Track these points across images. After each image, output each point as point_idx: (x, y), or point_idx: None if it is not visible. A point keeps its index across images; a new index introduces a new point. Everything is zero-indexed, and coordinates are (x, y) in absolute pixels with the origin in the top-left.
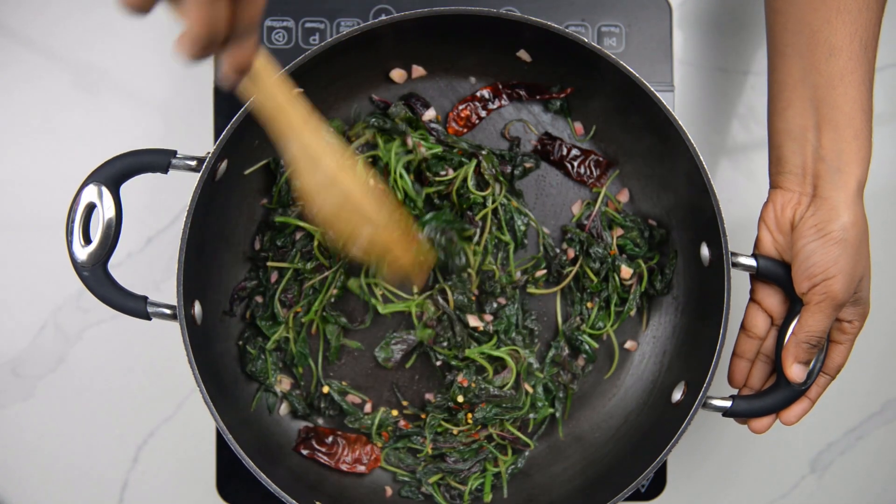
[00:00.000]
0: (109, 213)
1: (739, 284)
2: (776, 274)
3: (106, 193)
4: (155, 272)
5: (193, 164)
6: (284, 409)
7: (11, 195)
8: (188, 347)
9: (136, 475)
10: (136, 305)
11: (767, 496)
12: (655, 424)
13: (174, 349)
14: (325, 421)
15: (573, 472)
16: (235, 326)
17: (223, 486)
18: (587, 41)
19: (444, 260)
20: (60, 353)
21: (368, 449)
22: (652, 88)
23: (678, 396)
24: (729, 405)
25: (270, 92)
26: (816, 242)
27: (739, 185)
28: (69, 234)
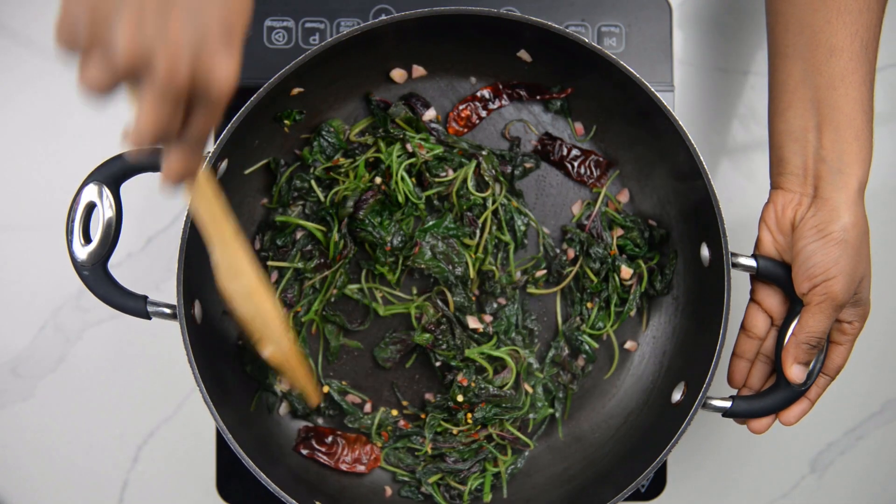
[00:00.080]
0: (109, 212)
1: (739, 285)
2: (776, 274)
3: (106, 193)
4: (155, 272)
5: None
6: (284, 409)
7: (11, 195)
8: (188, 347)
9: (136, 475)
10: (136, 305)
11: (767, 496)
12: (655, 424)
13: (174, 349)
14: (324, 421)
15: (573, 472)
16: (236, 326)
17: (223, 486)
18: (587, 41)
19: (443, 268)
20: (60, 353)
21: (368, 449)
22: (652, 88)
23: (678, 397)
24: (729, 405)
25: (207, 201)
26: (817, 243)
27: (739, 185)
28: (69, 233)
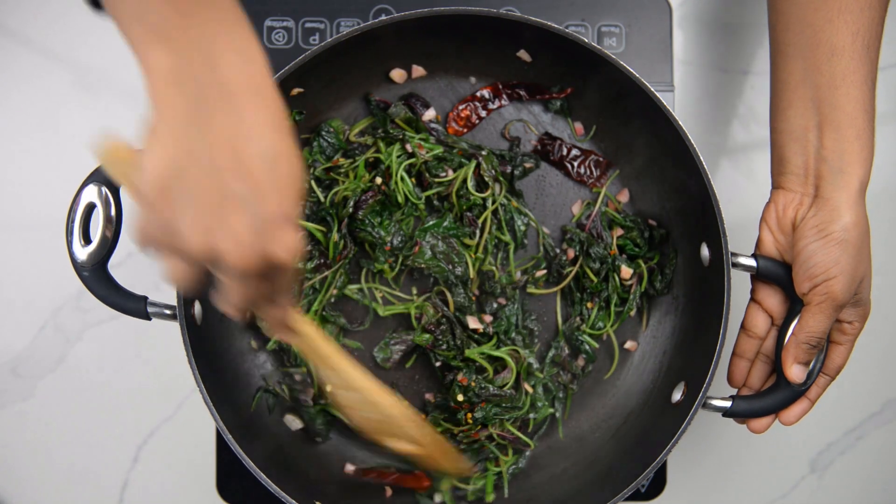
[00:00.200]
0: (109, 213)
1: (740, 284)
2: (777, 274)
3: (106, 193)
4: (155, 273)
5: None
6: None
7: (11, 195)
8: (188, 348)
9: (136, 475)
10: (136, 306)
11: (767, 496)
12: (655, 424)
13: (174, 349)
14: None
15: (573, 472)
16: (235, 326)
17: (223, 486)
18: (587, 41)
19: (443, 268)
20: (60, 353)
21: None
22: (652, 88)
23: (678, 396)
24: (729, 405)
25: (306, 336)
26: (818, 243)
27: (739, 185)
28: (69, 234)
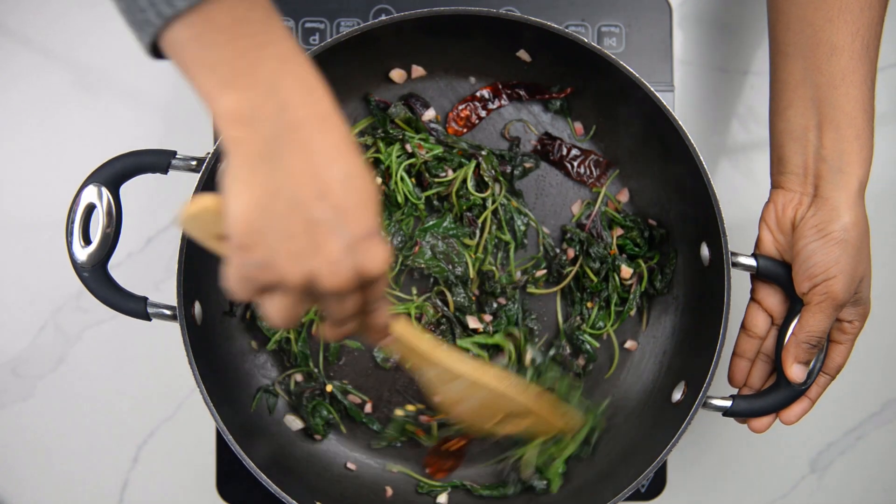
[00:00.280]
0: (109, 213)
1: (740, 284)
2: (776, 274)
3: (106, 194)
4: (155, 272)
5: (194, 164)
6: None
7: (11, 195)
8: (188, 348)
9: (136, 475)
10: (136, 306)
11: (767, 496)
12: (655, 424)
13: (174, 349)
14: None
15: (574, 471)
16: (236, 327)
17: (223, 486)
18: (587, 41)
19: (443, 268)
20: (60, 353)
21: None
22: (652, 88)
23: (678, 396)
24: (729, 405)
25: (403, 336)
26: (817, 243)
27: (739, 185)
28: (69, 234)
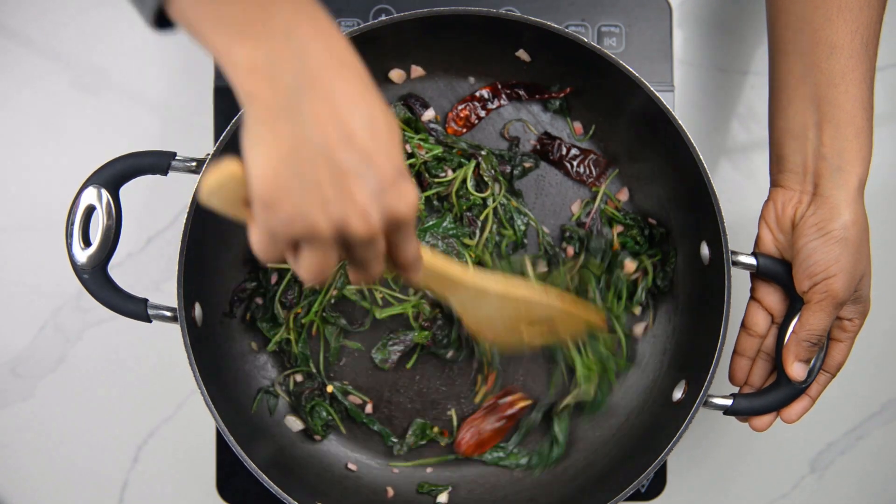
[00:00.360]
0: (109, 215)
1: (740, 283)
2: (776, 272)
3: (105, 196)
4: (155, 272)
5: (193, 165)
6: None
7: (11, 195)
8: (189, 349)
9: (136, 475)
10: (136, 308)
11: (767, 496)
12: (656, 423)
13: (174, 349)
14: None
15: (574, 471)
16: (236, 328)
17: (223, 486)
18: (587, 41)
19: None
20: (60, 353)
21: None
22: (652, 88)
23: (679, 395)
24: (730, 403)
25: (432, 267)
26: (817, 241)
27: (739, 185)
28: (69, 236)
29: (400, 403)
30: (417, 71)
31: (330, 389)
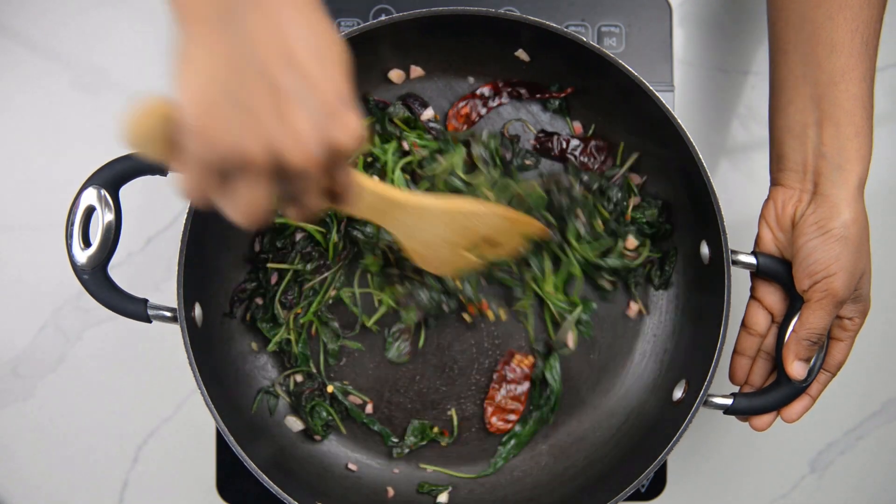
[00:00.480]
0: (109, 216)
1: (740, 282)
2: (776, 271)
3: (105, 196)
4: (155, 272)
5: None
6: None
7: (11, 195)
8: (189, 350)
9: (136, 475)
10: (136, 308)
11: (767, 496)
12: (656, 423)
13: (174, 349)
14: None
15: (574, 471)
16: (236, 328)
17: (223, 486)
18: (587, 41)
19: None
20: (60, 353)
21: None
22: (652, 88)
23: (679, 394)
24: (730, 403)
25: (369, 190)
26: (817, 240)
27: (739, 184)
28: (69, 237)
29: (400, 403)
30: (417, 71)
31: (330, 389)
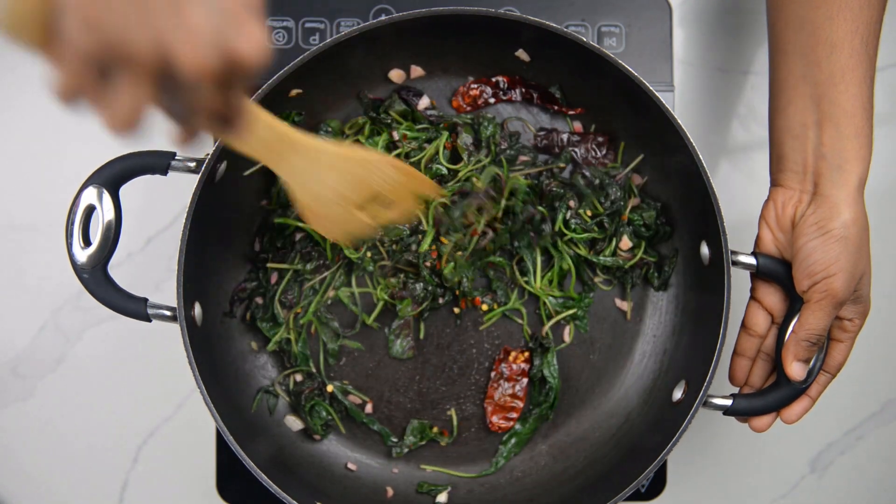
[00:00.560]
0: (109, 215)
1: (740, 283)
2: (776, 272)
3: (105, 196)
4: (155, 272)
5: (193, 165)
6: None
7: (11, 195)
8: (188, 349)
9: (136, 475)
10: (136, 307)
11: (767, 496)
12: (656, 423)
13: (174, 349)
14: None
15: (574, 471)
16: (236, 328)
17: (223, 486)
18: (587, 41)
19: (399, 230)
20: (60, 353)
21: None
22: (652, 88)
23: (679, 395)
24: (729, 404)
25: (261, 122)
26: (817, 240)
27: (739, 184)
28: (69, 236)
29: (400, 403)
30: (417, 71)
31: (330, 389)
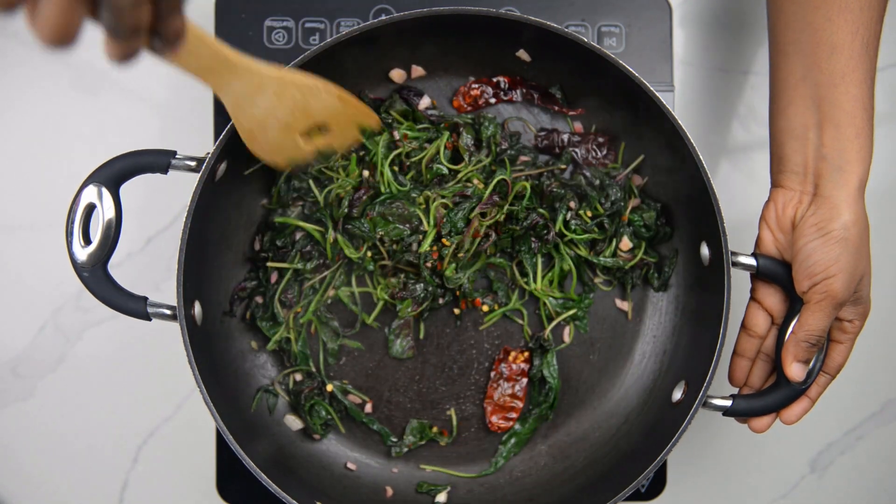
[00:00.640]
0: (109, 213)
1: (740, 283)
2: (776, 273)
3: (106, 194)
4: (155, 272)
5: (193, 164)
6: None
7: (11, 195)
8: (188, 348)
9: (136, 475)
10: (136, 306)
11: (767, 496)
12: (656, 423)
13: (174, 349)
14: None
15: (574, 471)
16: (236, 327)
17: (223, 486)
18: (587, 41)
19: (401, 230)
20: (60, 353)
21: None
22: (652, 88)
23: (678, 395)
24: (729, 404)
25: (200, 41)
26: (817, 241)
27: (739, 184)
28: (69, 234)
29: (400, 403)
30: (417, 71)
31: (329, 388)
